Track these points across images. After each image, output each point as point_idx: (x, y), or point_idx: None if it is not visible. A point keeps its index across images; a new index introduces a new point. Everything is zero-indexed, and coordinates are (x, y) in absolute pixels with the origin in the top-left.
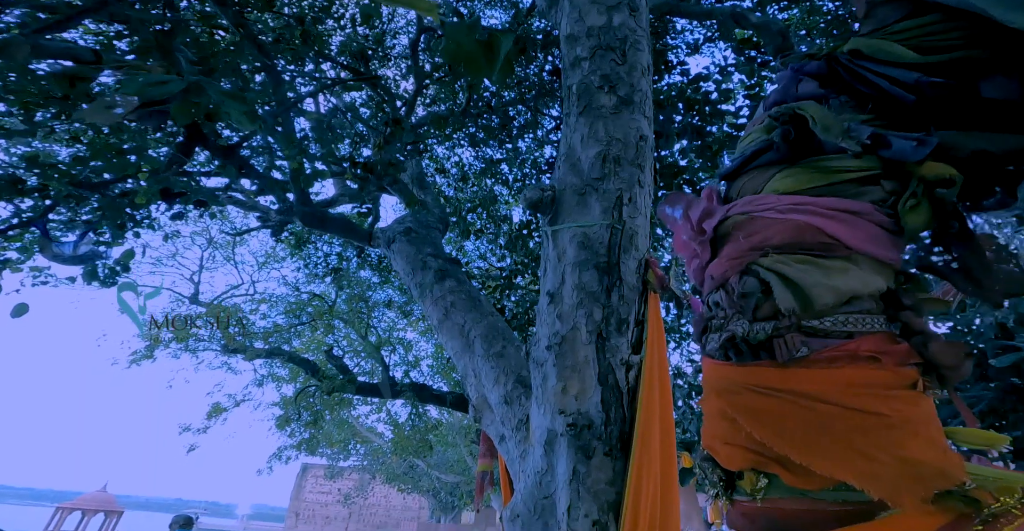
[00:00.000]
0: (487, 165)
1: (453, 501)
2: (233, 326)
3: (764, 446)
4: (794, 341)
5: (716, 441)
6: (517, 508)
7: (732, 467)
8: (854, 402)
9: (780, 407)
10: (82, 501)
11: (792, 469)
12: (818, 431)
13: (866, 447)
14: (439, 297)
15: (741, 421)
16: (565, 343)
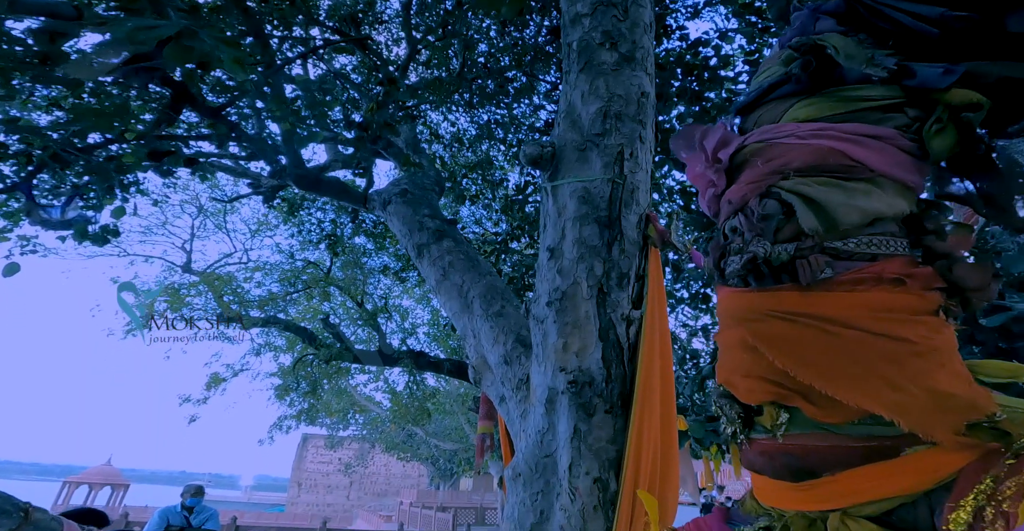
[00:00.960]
0: (482, 130)
1: (452, 468)
2: (228, 294)
3: (786, 376)
4: (818, 262)
5: (735, 374)
6: (518, 467)
7: (751, 401)
8: (880, 327)
9: (803, 333)
10: (88, 475)
11: (815, 401)
12: (843, 358)
13: (894, 377)
14: (437, 257)
15: (763, 349)
16: (566, 299)
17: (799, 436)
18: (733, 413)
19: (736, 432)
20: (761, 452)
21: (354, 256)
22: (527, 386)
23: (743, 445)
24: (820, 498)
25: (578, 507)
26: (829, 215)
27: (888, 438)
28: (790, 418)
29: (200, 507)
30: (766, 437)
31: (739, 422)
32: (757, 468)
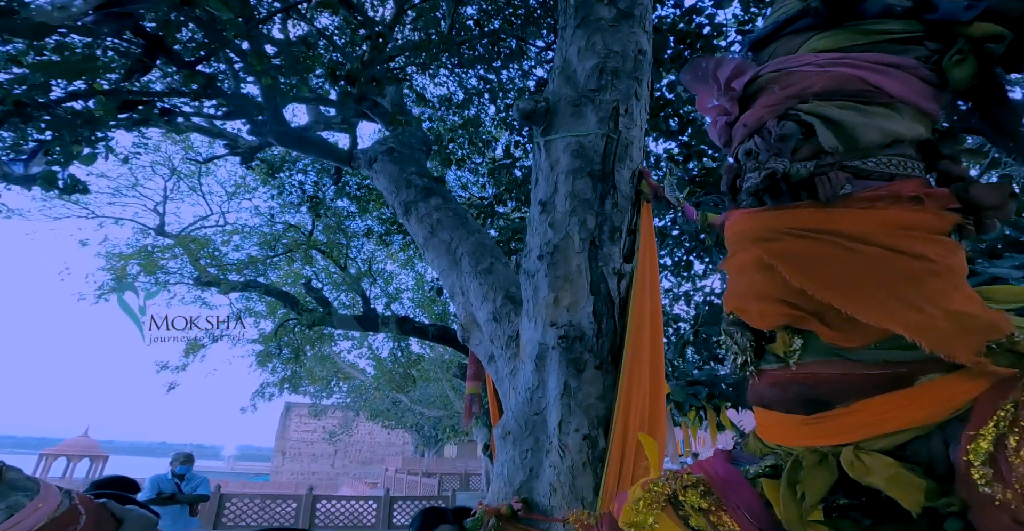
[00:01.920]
0: (469, 94)
1: (436, 435)
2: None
3: (802, 297)
4: (838, 178)
5: (746, 298)
6: (508, 425)
7: (764, 325)
8: (899, 244)
9: (822, 250)
10: (65, 447)
11: (831, 323)
12: (863, 276)
13: (913, 298)
14: (424, 214)
15: (779, 267)
16: (557, 252)
17: (813, 364)
18: (744, 341)
19: (747, 362)
20: (772, 383)
21: (336, 219)
22: (517, 343)
23: (752, 377)
24: (833, 431)
25: (567, 464)
26: (849, 134)
27: (903, 364)
28: (804, 344)
29: (191, 474)
30: (778, 367)
31: (750, 350)
32: (766, 402)
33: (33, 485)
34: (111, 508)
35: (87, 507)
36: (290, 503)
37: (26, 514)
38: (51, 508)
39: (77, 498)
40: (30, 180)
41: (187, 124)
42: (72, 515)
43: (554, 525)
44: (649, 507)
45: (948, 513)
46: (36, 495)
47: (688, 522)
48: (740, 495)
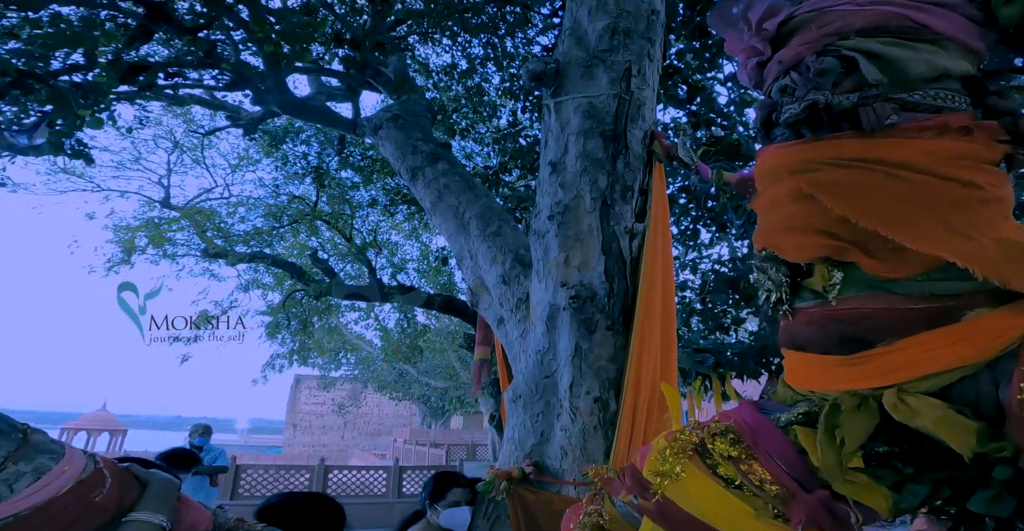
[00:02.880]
0: (472, 63)
1: (443, 406)
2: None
3: (844, 226)
4: (884, 108)
5: (780, 232)
6: (518, 389)
7: (801, 258)
8: (948, 172)
9: (867, 178)
10: (85, 421)
11: (875, 253)
12: (911, 203)
13: (962, 226)
14: (432, 179)
15: (820, 196)
16: (568, 212)
17: (853, 298)
18: (779, 276)
19: (781, 299)
20: (808, 321)
21: (341, 190)
22: (526, 305)
23: (785, 317)
24: (874, 372)
25: (578, 427)
26: (895, 67)
27: (950, 298)
28: (844, 277)
29: (208, 446)
30: (815, 303)
31: (785, 286)
32: (800, 342)
33: (59, 448)
34: (135, 472)
35: (112, 471)
36: (303, 474)
37: (53, 477)
38: (77, 471)
39: (102, 462)
40: (36, 149)
41: (189, 96)
42: (98, 478)
43: (565, 487)
44: (676, 456)
45: (997, 459)
46: (62, 458)
47: (716, 471)
48: (772, 443)
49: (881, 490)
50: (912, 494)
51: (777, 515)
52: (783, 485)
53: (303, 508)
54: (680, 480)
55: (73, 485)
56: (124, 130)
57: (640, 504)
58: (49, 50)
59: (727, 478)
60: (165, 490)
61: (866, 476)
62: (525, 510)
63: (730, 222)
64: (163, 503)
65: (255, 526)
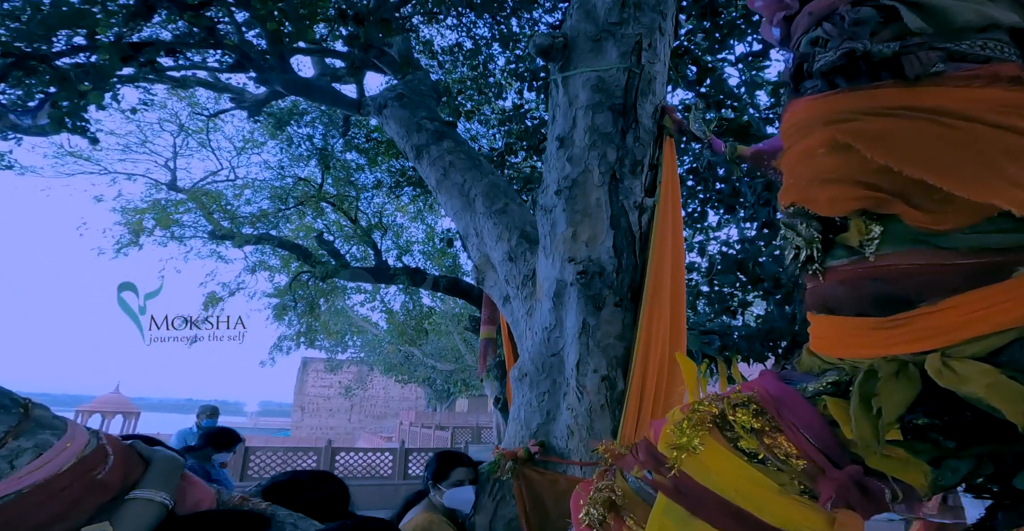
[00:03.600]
0: (477, 44)
1: (448, 388)
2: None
3: (885, 176)
4: (929, 56)
5: (813, 185)
6: (524, 367)
7: (837, 211)
8: (1001, 120)
9: (911, 126)
10: (99, 404)
11: (920, 204)
12: (960, 150)
13: (1016, 175)
14: (437, 157)
15: (859, 146)
16: (576, 187)
17: (893, 255)
18: (811, 232)
19: (812, 257)
20: (842, 280)
21: (346, 172)
22: (533, 282)
23: (814, 278)
24: (915, 335)
25: (585, 406)
26: (941, 16)
27: (1001, 252)
28: (883, 232)
29: None
30: (849, 261)
31: (817, 242)
32: (832, 304)
33: (61, 423)
34: (139, 449)
35: (115, 447)
36: (311, 455)
37: (54, 453)
38: (79, 448)
39: (105, 438)
40: (41, 129)
41: (192, 78)
42: (100, 455)
43: (571, 467)
44: (694, 428)
45: None
46: (64, 434)
47: (738, 444)
48: (798, 414)
49: (920, 465)
50: (952, 470)
51: (804, 491)
52: (810, 459)
53: (309, 485)
54: (698, 454)
55: (75, 462)
56: (128, 112)
57: (655, 480)
58: (50, 31)
59: (749, 452)
60: (169, 468)
61: (904, 450)
62: (530, 490)
63: (743, 196)
64: (167, 481)
65: (259, 504)
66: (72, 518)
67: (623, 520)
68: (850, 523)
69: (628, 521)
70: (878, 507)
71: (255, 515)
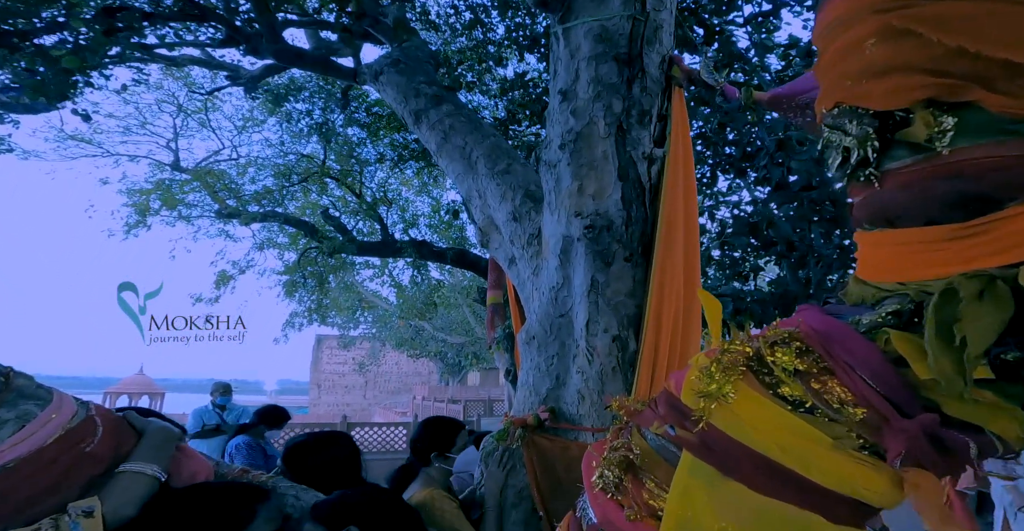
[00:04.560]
0: (476, 13)
1: (460, 362)
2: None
3: (957, 60)
4: None
5: (863, 79)
6: (532, 329)
7: (898, 103)
8: None
9: (984, 6)
10: (125, 385)
11: (1003, 87)
12: None
13: None
14: (436, 121)
15: (924, 30)
16: (580, 140)
17: (972, 148)
18: (864, 129)
19: (866, 160)
20: (906, 184)
21: (348, 147)
22: (538, 241)
23: (867, 186)
24: (1005, 242)
25: (596, 369)
26: None
27: None
28: (958, 123)
29: (231, 405)
30: (914, 160)
31: (871, 141)
32: (893, 213)
33: (45, 393)
34: (131, 420)
35: (104, 418)
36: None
37: (38, 425)
38: (65, 419)
39: (94, 409)
40: (30, 108)
41: (185, 57)
42: (88, 427)
43: (583, 434)
44: (724, 373)
45: None
46: (48, 405)
47: (778, 391)
48: (854, 352)
49: (1013, 412)
50: None
51: (863, 446)
52: (871, 407)
53: (325, 444)
54: (730, 403)
55: (62, 434)
56: (120, 89)
57: (678, 436)
58: (30, 6)
59: (793, 399)
60: (162, 439)
61: (992, 393)
62: (541, 458)
63: (755, 158)
64: (159, 453)
65: (259, 475)
66: (62, 492)
67: (642, 482)
68: (923, 484)
69: (648, 483)
70: (958, 464)
71: (252, 487)
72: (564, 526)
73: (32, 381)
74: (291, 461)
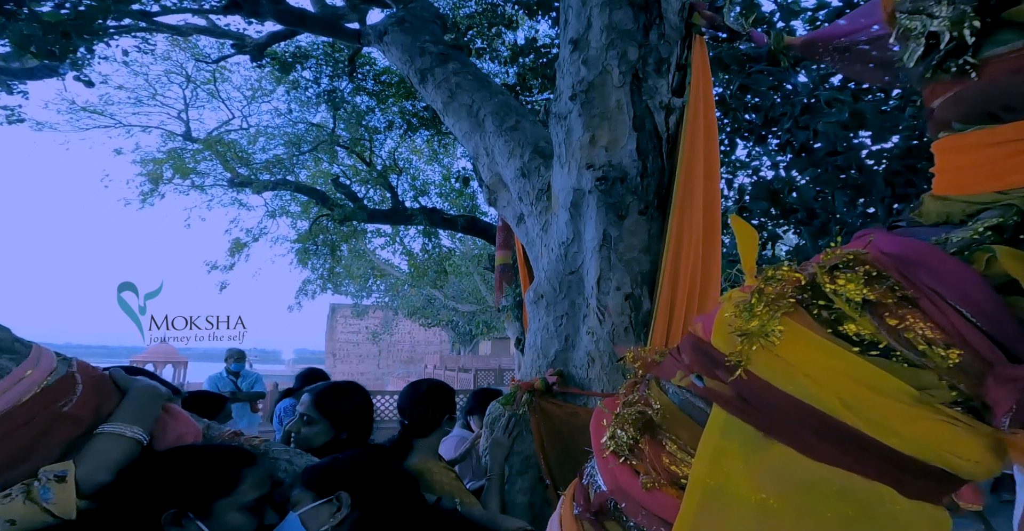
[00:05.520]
0: None
1: (471, 330)
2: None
3: None
4: None
5: None
6: (540, 288)
7: None
8: None
9: None
10: (151, 354)
11: None
12: None
13: None
14: (442, 80)
15: None
16: (593, 89)
17: None
18: (958, 9)
19: (962, 45)
20: (1017, 68)
21: (356, 116)
22: (548, 197)
23: (965, 75)
24: None
25: (607, 329)
26: None
27: None
28: None
29: (245, 372)
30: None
31: (971, 20)
32: (1001, 104)
33: (22, 347)
34: (115, 377)
35: (86, 376)
36: None
37: (12, 381)
38: (41, 375)
39: (76, 365)
40: (29, 74)
41: (190, 26)
42: (67, 385)
43: (592, 400)
44: (769, 307)
45: None
46: (24, 360)
47: (839, 328)
48: (943, 276)
49: None
50: None
51: (956, 401)
52: (969, 348)
53: (347, 392)
54: (776, 345)
55: (37, 392)
56: (124, 56)
57: (707, 388)
58: None
59: (860, 339)
60: (146, 399)
61: None
62: (548, 425)
63: (777, 123)
64: (142, 413)
65: (251, 439)
66: (40, 455)
67: (661, 444)
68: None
69: (668, 445)
70: None
71: (238, 450)
72: (569, 495)
73: (8, 334)
74: (320, 401)
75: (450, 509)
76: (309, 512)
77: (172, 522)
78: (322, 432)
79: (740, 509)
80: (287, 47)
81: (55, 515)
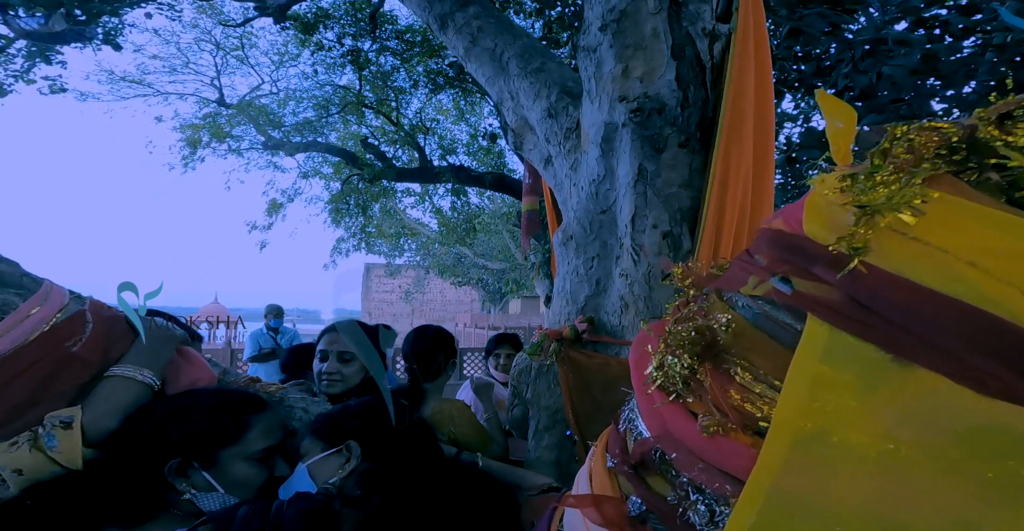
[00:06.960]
0: None
1: (501, 288)
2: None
3: None
4: None
5: None
6: (570, 228)
7: None
8: None
9: None
10: (204, 313)
11: None
12: None
13: None
14: (463, 24)
15: None
16: (625, 18)
17: None
18: None
19: None
20: None
21: (382, 77)
22: (576, 135)
23: None
24: None
25: (642, 271)
26: None
27: None
28: None
29: (283, 328)
30: None
31: None
32: None
33: (31, 283)
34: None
35: (97, 315)
36: None
37: (17, 319)
38: (50, 313)
39: (88, 304)
40: (56, 38)
41: None
42: (77, 323)
43: (625, 349)
44: (901, 171)
45: None
46: (32, 295)
47: (1017, 195)
48: None
49: None
50: None
51: None
52: None
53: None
54: (914, 224)
55: (46, 330)
56: (151, 22)
57: (800, 293)
58: None
59: None
60: (159, 341)
61: None
62: (577, 376)
63: (834, 70)
64: (154, 356)
65: (268, 386)
66: (48, 400)
67: (728, 374)
68: None
69: (739, 374)
70: None
71: (249, 396)
72: (601, 444)
73: (17, 268)
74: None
75: (469, 463)
76: (317, 463)
77: (177, 472)
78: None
79: (851, 464)
80: (309, 7)
81: (62, 465)
